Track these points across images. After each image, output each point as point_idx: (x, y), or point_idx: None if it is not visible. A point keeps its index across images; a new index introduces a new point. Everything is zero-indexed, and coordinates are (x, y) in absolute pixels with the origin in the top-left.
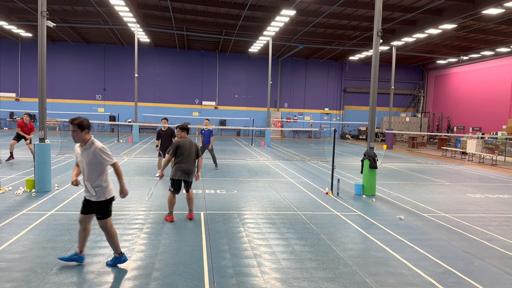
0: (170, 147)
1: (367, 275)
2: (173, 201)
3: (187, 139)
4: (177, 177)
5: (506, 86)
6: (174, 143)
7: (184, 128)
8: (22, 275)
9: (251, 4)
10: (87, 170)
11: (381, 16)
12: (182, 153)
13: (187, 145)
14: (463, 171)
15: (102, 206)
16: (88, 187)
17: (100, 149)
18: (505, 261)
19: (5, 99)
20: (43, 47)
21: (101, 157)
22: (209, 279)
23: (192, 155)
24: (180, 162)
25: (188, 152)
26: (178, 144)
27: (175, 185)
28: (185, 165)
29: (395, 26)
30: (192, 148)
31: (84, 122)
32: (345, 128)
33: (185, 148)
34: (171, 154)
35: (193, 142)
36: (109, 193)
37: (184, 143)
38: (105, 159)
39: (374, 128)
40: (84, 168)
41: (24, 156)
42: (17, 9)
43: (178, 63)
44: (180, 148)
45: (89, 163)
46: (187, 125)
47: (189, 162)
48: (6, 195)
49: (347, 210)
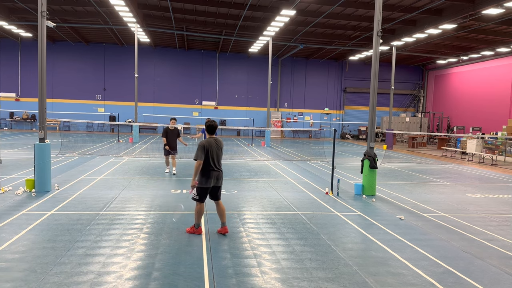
0: (196, 151)
1: (367, 275)
2: (201, 211)
3: (213, 138)
4: (209, 185)
5: (506, 86)
6: (200, 145)
7: (208, 127)
8: (22, 275)
9: (251, 4)
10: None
11: (381, 16)
12: (210, 156)
13: (214, 146)
14: (463, 171)
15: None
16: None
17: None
18: (505, 261)
19: (5, 99)
20: (43, 47)
21: None
22: (209, 279)
23: (220, 157)
24: (209, 166)
25: (216, 154)
26: (204, 145)
27: (204, 193)
28: (215, 169)
29: (395, 26)
30: (220, 149)
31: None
32: (345, 128)
33: (213, 149)
34: (200, 157)
35: (220, 141)
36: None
37: (211, 143)
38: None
39: (374, 128)
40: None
41: (24, 156)
42: (17, 9)
43: (178, 63)
44: (208, 150)
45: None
46: (212, 123)
47: (219, 165)
48: (6, 195)
49: (347, 210)
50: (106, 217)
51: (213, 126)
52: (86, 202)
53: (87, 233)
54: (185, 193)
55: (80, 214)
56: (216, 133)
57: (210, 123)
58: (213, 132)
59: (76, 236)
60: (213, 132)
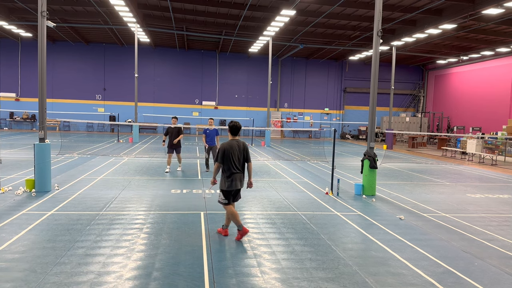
0: (216, 153)
1: (367, 275)
2: (233, 212)
3: (235, 140)
4: (232, 188)
5: (506, 86)
6: (220, 147)
7: (231, 127)
8: (22, 275)
9: (251, 4)
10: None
11: (381, 16)
12: (231, 159)
13: (235, 148)
14: (463, 171)
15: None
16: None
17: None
18: (505, 261)
19: (5, 99)
20: (43, 47)
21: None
22: (209, 279)
23: (241, 159)
24: (230, 168)
25: (237, 156)
26: (225, 148)
27: (229, 195)
28: (237, 171)
29: (395, 26)
30: (241, 151)
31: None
32: (345, 128)
33: (234, 152)
34: (219, 160)
35: (242, 143)
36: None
37: (232, 145)
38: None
39: (374, 128)
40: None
41: (24, 156)
42: (17, 9)
43: (178, 63)
44: (229, 152)
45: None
46: (236, 124)
47: (240, 167)
48: (6, 195)
49: (347, 210)
50: (106, 217)
51: (236, 127)
52: (86, 202)
53: (87, 233)
54: (207, 192)
55: (80, 214)
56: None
57: (234, 124)
58: (236, 133)
59: (76, 236)
60: (236, 133)
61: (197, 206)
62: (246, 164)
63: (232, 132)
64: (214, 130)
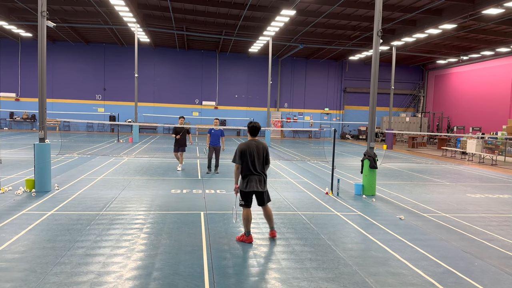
0: (234, 155)
1: (367, 275)
2: (249, 216)
3: (254, 141)
4: (248, 189)
5: (506, 86)
6: (238, 148)
7: (250, 128)
8: (22, 275)
9: (251, 4)
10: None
11: (381, 16)
12: (249, 159)
13: (253, 149)
14: (463, 171)
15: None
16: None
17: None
18: (505, 261)
19: (5, 99)
20: (43, 47)
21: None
22: (209, 279)
23: (261, 160)
24: (247, 170)
25: (256, 157)
26: (242, 148)
27: (246, 197)
28: (254, 173)
29: (395, 26)
30: (260, 152)
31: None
32: (345, 128)
33: (253, 152)
34: (236, 161)
35: (262, 144)
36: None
37: (250, 146)
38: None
39: (374, 128)
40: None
41: (24, 156)
42: (17, 9)
43: (178, 63)
44: (246, 153)
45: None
46: (256, 125)
47: (260, 169)
48: (6, 195)
49: (347, 210)
50: (106, 217)
51: (256, 127)
52: (86, 202)
53: (87, 233)
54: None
55: (80, 214)
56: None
57: (253, 124)
58: (256, 134)
59: (76, 236)
60: (255, 134)
61: (197, 206)
62: (266, 166)
63: (251, 132)
64: (219, 130)
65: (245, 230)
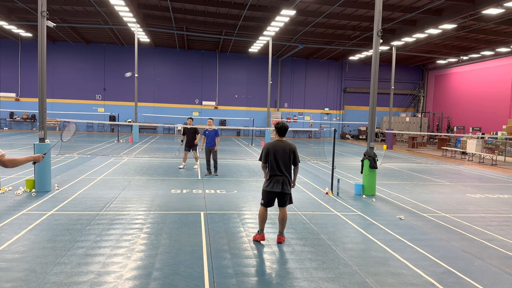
0: (261, 152)
1: (367, 275)
2: (264, 215)
3: (281, 141)
4: (269, 189)
5: (506, 86)
6: (264, 146)
7: (278, 129)
8: (22, 275)
9: (251, 4)
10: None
11: (381, 16)
12: (274, 160)
13: (279, 149)
14: (463, 171)
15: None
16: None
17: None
18: (505, 261)
19: (5, 99)
20: (43, 47)
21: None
22: (209, 279)
23: (286, 162)
24: (271, 169)
25: (281, 158)
26: (268, 148)
27: (267, 197)
28: (278, 174)
29: (395, 26)
30: (287, 153)
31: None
32: (345, 128)
33: (277, 153)
34: (262, 160)
35: (289, 145)
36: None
37: (275, 146)
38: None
39: (374, 128)
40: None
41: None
42: (17, 9)
43: (178, 63)
44: (271, 153)
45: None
46: (284, 125)
47: (284, 170)
48: (6, 195)
49: (347, 210)
50: (106, 217)
51: (283, 128)
52: (86, 202)
53: (87, 233)
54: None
55: (80, 214)
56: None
57: (282, 125)
58: (283, 134)
59: (76, 236)
60: (283, 134)
61: (197, 206)
62: (294, 168)
63: (279, 133)
64: (214, 130)
65: (259, 227)
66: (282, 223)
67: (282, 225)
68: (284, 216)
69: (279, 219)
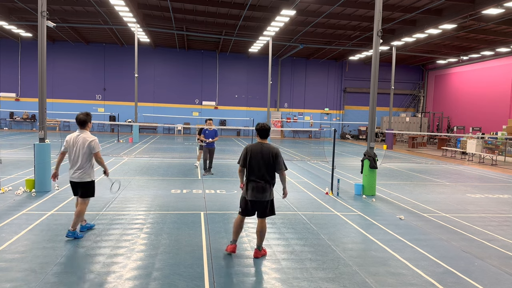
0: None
1: (367, 275)
2: (239, 225)
3: (262, 143)
4: (249, 197)
5: (506, 86)
6: (244, 149)
7: (258, 130)
8: (22, 275)
9: (251, 4)
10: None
11: (381, 16)
12: (252, 164)
13: (260, 152)
14: (463, 171)
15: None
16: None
17: None
18: (505, 261)
19: (5, 99)
20: (43, 47)
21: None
22: (209, 279)
23: (268, 166)
24: (249, 175)
25: (262, 162)
26: (247, 150)
27: (244, 205)
28: (256, 180)
29: (395, 26)
30: (268, 157)
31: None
32: (345, 128)
33: (257, 156)
34: (240, 163)
35: (271, 148)
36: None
37: (256, 149)
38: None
39: (374, 128)
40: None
41: (24, 156)
42: (17, 9)
43: (178, 63)
44: (250, 156)
45: None
46: (265, 126)
47: (264, 175)
48: (6, 195)
49: (347, 210)
50: (106, 217)
51: (264, 129)
52: None
53: (87, 233)
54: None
55: None
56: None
57: (261, 126)
58: (265, 136)
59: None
60: (264, 136)
61: (197, 206)
62: (281, 173)
63: (260, 134)
64: (214, 130)
65: (232, 237)
66: (260, 236)
67: (260, 238)
68: (263, 228)
69: (257, 231)
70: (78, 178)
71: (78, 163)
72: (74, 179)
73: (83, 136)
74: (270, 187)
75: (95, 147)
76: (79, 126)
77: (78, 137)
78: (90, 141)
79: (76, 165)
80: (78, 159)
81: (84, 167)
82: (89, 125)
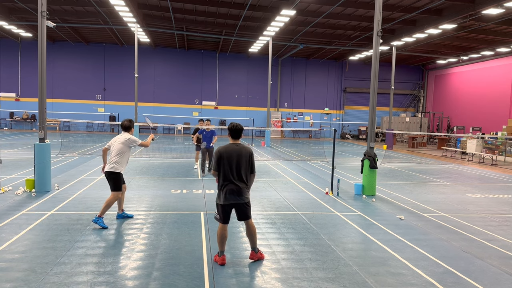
0: (212, 160)
1: (367, 275)
2: (223, 234)
3: (235, 144)
4: (224, 201)
5: (506, 86)
6: (215, 152)
7: (231, 130)
8: (22, 275)
9: (251, 4)
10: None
11: (381, 16)
12: (228, 166)
13: (234, 153)
14: (463, 171)
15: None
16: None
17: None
18: (505, 261)
19: (5, 99)
20: (43, 47)
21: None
22: (209, 279)
23: (243, 167)
24: (225, 178)
25: (236, 163)
26: (220, 152)
27: (223, 212)
28: (233, 182)
29: (395, 26)
30: (243, 158)
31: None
32: (345, 128)
33: (231, 158)
34: (213, 167)
35: (244, 148)
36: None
37: (229, 150)
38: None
39: (374, 128)
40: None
41: (24, 156)
42: (17, 9)
43: (178, 63)
44: (224, 158)
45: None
46: (238, 126)
47: (240, 177)
48: (6, 195)
49: (347, 210)
50: (106, 217)
51: (237, 129)
52: (86, 202)
53: (87, 233)
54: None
55: (80, 214)
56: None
57: (234, 125)
58: (237, 136)
59: (76, 236)
60: (236, 136)
61: (197, 206)
62: (250, 176)
63: (232, 135)
64: (211, 131)
65: (219, 249)
66: (251, 238)
67: (252, 240)
68: (252, 230)
69: (247, 235)
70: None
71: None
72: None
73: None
74: (247, 189)
75: (135, 141)
76: (123, 130)
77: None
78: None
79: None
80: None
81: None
82: (132, 130)
